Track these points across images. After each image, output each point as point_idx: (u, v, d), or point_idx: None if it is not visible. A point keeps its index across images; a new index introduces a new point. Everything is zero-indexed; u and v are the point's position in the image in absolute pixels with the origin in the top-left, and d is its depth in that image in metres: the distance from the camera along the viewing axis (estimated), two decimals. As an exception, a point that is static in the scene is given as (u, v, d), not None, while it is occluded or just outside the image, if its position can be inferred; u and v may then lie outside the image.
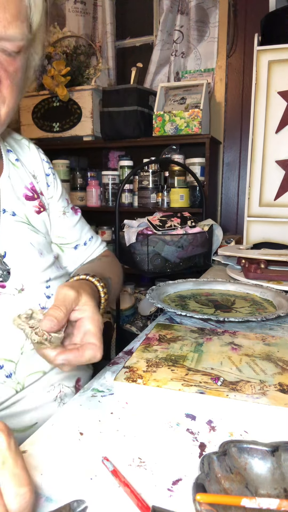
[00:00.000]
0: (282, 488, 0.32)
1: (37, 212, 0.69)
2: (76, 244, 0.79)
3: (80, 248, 0.80)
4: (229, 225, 2.20)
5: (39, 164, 0.73)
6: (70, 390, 0.67)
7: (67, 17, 2.27)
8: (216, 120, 2.13)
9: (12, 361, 0.58)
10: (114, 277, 0.75)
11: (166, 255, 1.35)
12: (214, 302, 0.85)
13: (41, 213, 0.70)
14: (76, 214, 0.80)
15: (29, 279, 0.62)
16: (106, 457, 0.38)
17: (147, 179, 2.01)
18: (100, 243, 0.85)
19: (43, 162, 0.74)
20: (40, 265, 0.64)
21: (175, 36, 2.07)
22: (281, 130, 1.30)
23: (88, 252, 0.82)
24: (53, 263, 0.68)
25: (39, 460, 0.38)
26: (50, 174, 0.74)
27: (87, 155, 2.46)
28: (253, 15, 1.96)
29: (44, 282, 0.64)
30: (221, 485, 0.32)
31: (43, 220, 0.70)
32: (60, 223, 0.76)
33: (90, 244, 0.82)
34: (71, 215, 0.78)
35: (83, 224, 0.82)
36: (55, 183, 0.75)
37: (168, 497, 0.34)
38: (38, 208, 0.69)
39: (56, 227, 0.75)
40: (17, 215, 0.65)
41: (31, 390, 0.61)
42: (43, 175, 0.73)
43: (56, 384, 0.64)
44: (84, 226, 0.82)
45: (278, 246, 1.32)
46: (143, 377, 0.50)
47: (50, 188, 0.74)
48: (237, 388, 0.47)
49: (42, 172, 0.73)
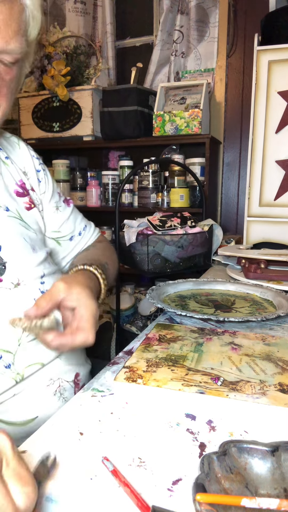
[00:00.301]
0: (282, 488, 0.32)
1: (27, 209, 0.70)
2: (71, 236, 0.81)
3: (75, 238, 0.82)
4: (229, 225, 2.20)
5: (29, 160, 0.74)
6: (69, 384, 0.68)
7: (67, 17, 2.27)
8: (216, 120, 2.13)
9: (10, 352, 0.59)
10: (109, 261, 0.78)
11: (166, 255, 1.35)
12: (214, 302, 0.85)
13: (31, 209, 0.71)
14: (69, 206, 0.82)
15: (24, 273, 0.62)
16: (106, 457, 0.38)
17: (147, 179, 2.01)
18: (93, 230, 0.87)
19: (33, 158, 0.75)
20: (33, 260, 0.65)
21: (175, 36, 2.07)
22: (281, 130, 1.30)
23: (84, 241, 0.84)
24: (46, 259, 0.68)
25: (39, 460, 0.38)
26: (41, 170, 0.76)
27: (87, 155, 2.46)
28: (253, 15, 1.96)
29: (39, 277, 0.64)
30: (221, 485, 0.32)
31: (34, 216, 0.71)
32: (54, 219, 0.77)
33: (84, 234, 0.84)
34: (63, 208, 0.80)
35: (76, 215, 0.84)
36: (46, 178, 0.76)
37: (168, 497, 0.34)
38: (28, 205, 0.70)
39: (51, 222, 0.77)
40: (10, 210, 0.66)
41: (31, 384, 0.62)
42: (33, 171, 0.74)
43: (55, 378, 0.65)
44: (77, 216, 0.84)
45: (278, 246, 1.32)
46: (143, 377, 0.50)
47: (42, 183, 0.75)
48: (237, 388, 0.47)
49: (32, 169, 0.74)
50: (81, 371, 0.72)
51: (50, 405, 0.63)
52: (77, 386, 0.70)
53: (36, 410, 0.62)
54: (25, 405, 0.61)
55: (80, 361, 0.73)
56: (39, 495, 0.34)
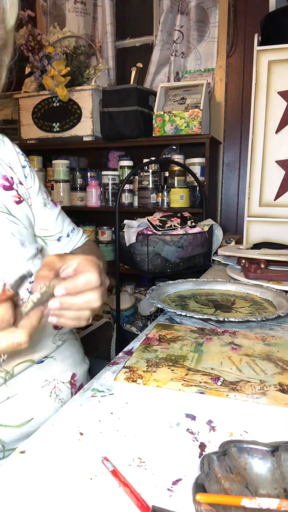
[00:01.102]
0: (282, 488, 0.32)
1: (16, 202, 0.69)
2: (59, 236, 0.80)
3: (63, 240, 0.81)
4: (229, 225, 2.20)
5: (14, 156, 0.73)
6: (65, 386, 0.67)
7: (67, 17, 2.27)
8: (216, 120, 2.13)
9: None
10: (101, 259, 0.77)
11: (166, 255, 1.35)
12: (214, 302, 0.85)
13: (21, 203, 0.69)
14: (56, 207, 0.81)
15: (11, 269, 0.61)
16: (106, 457, 0.38)
17: (147, 179, 2.01)
18: (81, 234, 0.87)
19: (18, 154, 0.74)
20: (22, 256, 0.64)
21: (175, 36, 2.07)
22: (281, 130, 1.30)
23: (72, 243, 0.83)
24: (36, 255, 0.67)
25: (39, 460, 0.38)
26: (26, 166, 0.75)
27: (87, 155, 2.46)
28: (253, 15, 1.96)
29: None
30: (221, 485, 0.32)
31: (23, 210, 0.70)
32: (42, 215, 0.77)
33: (72, 236, 0.83)
34: (51, 207, 0.79)
35: (64, 217, 0.83)
36: (32, 174, 0.76)
37: (168, 497, 0.34)
38: (18, 198, 0.69)
39: (38, 219, 0.76)
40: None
41: (25, 385, 0.61)
42: (19, 166, 0.73)
43: (51, 379, 0.64)
44: (65, 219, 0.83)
45: (278, 246, 1.32)
46: (143, 377, 0.50)
47: (28, 178, 0.74)
48: (237, 388, 0.47)
49: (18, 164, 0.73)
50: (77, 371, 0.71)
51: (46, 406, 0.63)
52: (74, 387, 0.69)
53: (32, 411, 0.61)
54: (20, 407, 0.60)
55: (77, 360, 0.72)
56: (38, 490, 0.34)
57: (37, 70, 2.06)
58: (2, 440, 0.58)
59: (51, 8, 2.35)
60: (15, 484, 0.35)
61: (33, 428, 0.60)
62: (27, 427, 0.60)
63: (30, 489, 0.34)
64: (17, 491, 0.34)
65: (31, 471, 0.37)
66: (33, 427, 0.60)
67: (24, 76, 2.19)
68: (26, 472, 0.36)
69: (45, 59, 2.01)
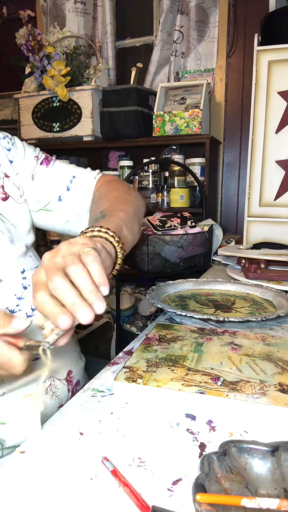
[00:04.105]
0: (282, 488, 0.32)
1: (3, 199, 0.67)
2: (59, 195, 0.73)
3: (64, 196, 0.73)
4: (229, 225, 2.20)
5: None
6: (61, 383, 0.67)
7: (67, 17, 2.27)
8: (216, 120, 2.13)
9: None
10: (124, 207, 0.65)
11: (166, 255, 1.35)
12: (214, 302, 0.85)
13: (6, 200, 0.67)
14: (48, 166, 0.74)
15: (3, 268, 0.61)
16: (106, 457, 0.38)
17: (147, 179, 2.01)
18: (87, 176, 0.76)
19: (1, 140, 0.70)
20: (12, 253, 0.63)
21: (175, 36, 2.07)
22: (281, 130, 1.30)
23: (77, 193, 0.74)
24: (26, 252, 0.66)
25: (39, 460, 0.38)
26: (11, 148, 0.70)
27: (87, 155, 2.46)
28: (253, 15, 1.96)
29: (19, 272, 0.63)
30: (221, 485, 0.32)
31: (10, 207, 0.67)
32: (31, 189, 0.71)
33: (73, 186, 0.74)
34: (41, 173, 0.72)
35: (59, 171, 0.74)
36: (16, 151, 0.71)
37: (168, 497, 0.33)
38: (3, 195, 0.67)
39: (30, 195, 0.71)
40: None
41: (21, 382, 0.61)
42: (4, 155, 0.69)
43: (47, 376, 0.64)
44: (61, 172, 0.74)
45: (278, 246, 1.32)
46: (143, 377, 0.50)
47: (14, 163, 0.70)
48: (237, 388, 0.47)
49: (2, 153, 0.69)
50: (74, 368, 0.71)
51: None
52: (70, 384, 0.69)
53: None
54: (17, 404, 0.60)
55: (73, 357, 0.72)
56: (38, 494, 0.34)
57: (37, 70, 2.06)
58: (1, 438, 0.58)
59: (51, 8, 2.35)
60: (15, 484, 0.35)
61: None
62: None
63: (30, 489, 0.34)
64: (17, 491, 0.34)
65: (31, 471, 0.37)
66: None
67: (24, 76, 2.19)
68: (26, 472, 0.36)
69: (45, 59, 2.01)
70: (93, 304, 0.39)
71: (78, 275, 0.40)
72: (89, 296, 0.39)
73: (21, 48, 2.09)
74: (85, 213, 0.75)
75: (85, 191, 0.75)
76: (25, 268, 0.64)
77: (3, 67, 2.54)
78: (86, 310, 0.38)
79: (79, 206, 0.74)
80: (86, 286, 0.39)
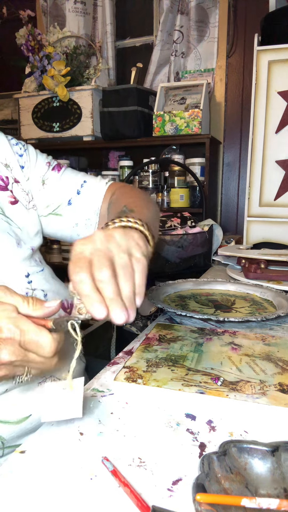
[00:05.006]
0: (282, 488, 0.32)
1: (11, 203, 0.67)
2: (69, 199, 0.74)
3: (74, 200, 0.74)
4: (229, 225, 2.20)
5: (9, 151, 0.70)
6: None
7: (67, 17, 2.27)
8: (216, 120, 2.13)
9: None
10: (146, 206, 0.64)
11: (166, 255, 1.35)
12: (214, 302, 0.85)
13: (16, 203, 0.68)
14: (59, 172, 0.75)
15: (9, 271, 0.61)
16: (106, 457, 0.38)
17: (147, 179, 2.01)
18: (99, 183, 0.76)
19: (13, 147, 0.71)
20: (17, 256, 0.63)
21: (175, 36, 2.07)
22: (281, 130, 1.30)
23: (88, 197, 0.74)
24: (31, 256, 0.66)
25: (39, 460, 0.38)
26: (23, 154, 0.72)
27: (87, 155, 2.46)
28: (253, 15, 1.96)
29: (24, 277, 0.63)
30: (221, 485, 0.32)
31: (19, 211, 0.68)
32: (41, 196, 0.72)
33: (84, 190, 0.74)
34: (52, 178, 0.73)
35: (70, 177, 0.75)
36: (28, 158, 0.72)
37: (168, 497, 0.34)
38: (13, 199, 0.68)
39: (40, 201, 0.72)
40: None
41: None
42: (15, 160, 0.70)
43: (48, 375, 0.64)
44: (72, 177, 0.75)
45: (278, 246, 1.32)
46: (143, 377, 0.50)
47: (25, 169, 0.71)
48: (237, 388, 0.47)
49: (14, 158, 0.70)
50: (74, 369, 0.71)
51: None
52: None
53: (29, 408, 0.61)
54: (18, 403, 0.60)
55: None
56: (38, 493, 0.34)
57: (37, 70, 2.06)
58: (1, 437, 0.58)
59: (51, 8, 2.35)
60: (15, 484, 0.35)
61: (32, 425, 0.60)
62: (25, 424, 0.60)
63: (30, 489, 0.34)
64: (17, 491, 0.34)
65: (31, 471, 0.37)
66: (31, 424, 0.60)
67: (24, 76, 2.19)
68: (26, 472, 0.36)
69: (45, 59, 2.01)
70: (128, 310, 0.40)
71: (124, 279, 0.40)
72: (126, 301, 0.40)
73: (21, 48, 2.09)
74: (95, 216, 0.75)
75: (96, 195, 0.75)
76: (30, 272, 0.64)
77: (3, 67, 2.55)
78: (123, 313, 0.39)
79: (89, 209, 0.74)
80: (126, 292, 0.40)
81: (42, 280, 0.66)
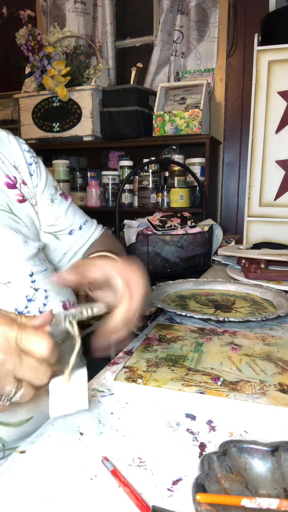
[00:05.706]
0: (282, 488, 0.32)
1: (19, 201, 0.68)
2: (71, 230, 0.79)
3: (75, 233, 0.79)
4: (229, 225, 2.20)
5: (19, 154, 0.72)
6: None
7: (67, 17, 2.27)
8: (216, 120, 2.13)
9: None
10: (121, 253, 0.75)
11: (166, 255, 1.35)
12: (214, 302, 0.85)
13: (23, 202, 0.69)
14: (66, 201, 0.80)
15: (14, 269, 0.61)
16: (106, 457, 0.38)
17: (147, 179, 2.01)
18: (96, 226, 0.85)
19: (24, 152, 0.73)
20: (23, 254, 0.63)
21: (175, 36, 2.07)
22: (281, 130, 1.30)
23: (85, 235, 0.81)
24: (36, 254, 0.67)
25: (39, 460, 0.38)
26: (33, 163, 0.74)
27: (87, 155, 2.46)
28: (253, 15, 1.96)
29: (28, 276, 0.63)
30: (221, 485, 0.32)
31: (26, 210, 0.69)
32: (49, 212, 0.75)
33: (85, 228, 0.81)
34: (60, 202, 0.78)
35: (75, 210, 0.81)
36: (38, 171, 0.75)
37: (168, 497, 0.34)
38: (21, 197, 0.69)
39: (46, 216, 0.75)
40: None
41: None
42: (25, 165, 0.72)
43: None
44: (77, 212, 0.82)
45: (278, 246, 1.32)
46: (143, 377, 0.50)
47: (34, 176, 0.73)
48: (237, 388, 0.47)
49: (23, 162, 0.72)
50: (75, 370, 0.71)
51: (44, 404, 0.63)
52: None
53: (30, 410, 0.61)
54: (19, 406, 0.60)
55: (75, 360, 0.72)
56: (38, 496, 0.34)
57: (37, 70, 2.06)
58: (2, 439, 0.58)
59: (51, 8, 2.35)
60: (15, 484, 0.35)
61: (33, 427, 0.60)
62: (26, 426, 0.60)
63: (30, 489, 0.34)
64: (17, 491, 0.34)
65: (31, 471, 0.37)
66: (32, 426, 0.60)
67: (24, 76, 2.19)
68: (26, 472, 0.36)
69: (45, 59, 2.01)
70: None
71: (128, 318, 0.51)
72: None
73: (21, 48, 2.09)
74: (81, 254, 0.82)
75: (91, 237, 0.83)
76: (33, 271, 0.64)
77: (3, 67, 2.55)
78: None
79: (81, 246, 0.81)
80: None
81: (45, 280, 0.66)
